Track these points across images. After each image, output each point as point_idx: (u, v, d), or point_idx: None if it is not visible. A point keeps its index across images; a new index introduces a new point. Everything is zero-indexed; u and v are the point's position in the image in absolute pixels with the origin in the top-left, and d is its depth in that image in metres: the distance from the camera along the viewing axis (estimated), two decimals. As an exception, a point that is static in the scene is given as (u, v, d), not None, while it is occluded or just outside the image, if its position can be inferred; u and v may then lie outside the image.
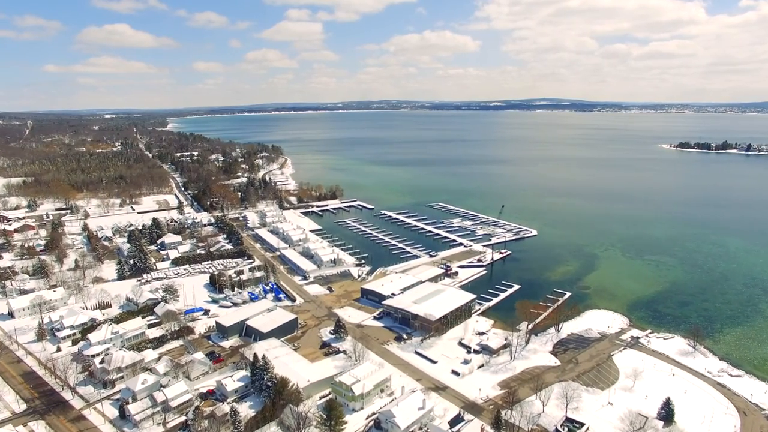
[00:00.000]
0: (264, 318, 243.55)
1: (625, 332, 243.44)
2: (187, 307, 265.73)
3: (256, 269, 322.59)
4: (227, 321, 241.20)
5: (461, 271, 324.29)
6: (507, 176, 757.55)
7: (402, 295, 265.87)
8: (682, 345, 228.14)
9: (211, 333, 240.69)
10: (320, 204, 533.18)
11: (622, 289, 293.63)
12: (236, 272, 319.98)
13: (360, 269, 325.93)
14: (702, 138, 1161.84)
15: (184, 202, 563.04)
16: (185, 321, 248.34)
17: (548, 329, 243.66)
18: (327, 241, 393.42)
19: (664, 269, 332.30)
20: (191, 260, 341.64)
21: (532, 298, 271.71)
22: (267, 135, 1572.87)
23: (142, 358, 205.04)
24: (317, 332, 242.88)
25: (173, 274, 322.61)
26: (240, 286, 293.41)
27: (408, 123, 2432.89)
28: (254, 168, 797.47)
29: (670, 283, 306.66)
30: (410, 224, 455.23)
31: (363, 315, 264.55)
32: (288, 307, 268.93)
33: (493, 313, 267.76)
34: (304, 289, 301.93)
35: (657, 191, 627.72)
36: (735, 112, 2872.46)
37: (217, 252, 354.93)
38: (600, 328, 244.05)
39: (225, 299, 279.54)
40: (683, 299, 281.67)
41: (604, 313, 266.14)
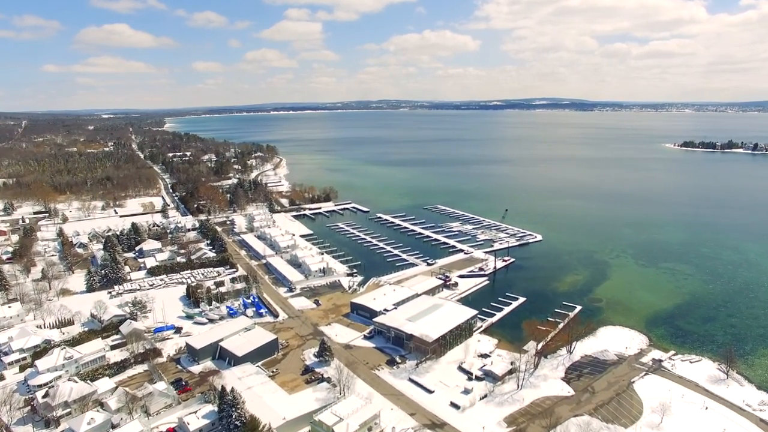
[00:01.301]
0: (240, 339, 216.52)
1: (645, 353, 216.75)
2: (157, 325, 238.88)
3: (238, 280, 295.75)
4: (199, 342, 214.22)
5: (461, 282, 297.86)
6: (508, 176, 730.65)
7: (395, 311, 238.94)
8: (711, 370, 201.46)
9: (181, 355, 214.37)
10: (313, 207, 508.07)
11: (638, 302, 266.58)
12: (216, 283, 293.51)
13: (351, 279, 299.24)
14: (705, 137, 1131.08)
15: (170, 204, 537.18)
16: (154, 341, 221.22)
17: (559, 350, 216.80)
18: (318, 247, 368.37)
19: (682, 279, 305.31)
20: (169, 269, 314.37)
21: (540, 313, 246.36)
22: (264, 135, 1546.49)
23: (95, 389, 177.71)
24: (300, 354, 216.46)
25: (148, 285, 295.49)
26: (219, 300, 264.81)
27: (407, 122, 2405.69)
28: (247, 169, 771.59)
29: (689, 295, 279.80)
30: (407, 228, 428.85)
31: (352, 333, 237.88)
32: (269, 324, 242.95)
33: (497, 331, 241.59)
34: (289, 302, 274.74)
35: (666, 192, 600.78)
36: (735, 111, 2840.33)
37: (198, 260, 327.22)
38: (617, 349, 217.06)
39: (201, 314, 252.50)
40: (706, 314, 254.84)
41: (620, 330, 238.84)
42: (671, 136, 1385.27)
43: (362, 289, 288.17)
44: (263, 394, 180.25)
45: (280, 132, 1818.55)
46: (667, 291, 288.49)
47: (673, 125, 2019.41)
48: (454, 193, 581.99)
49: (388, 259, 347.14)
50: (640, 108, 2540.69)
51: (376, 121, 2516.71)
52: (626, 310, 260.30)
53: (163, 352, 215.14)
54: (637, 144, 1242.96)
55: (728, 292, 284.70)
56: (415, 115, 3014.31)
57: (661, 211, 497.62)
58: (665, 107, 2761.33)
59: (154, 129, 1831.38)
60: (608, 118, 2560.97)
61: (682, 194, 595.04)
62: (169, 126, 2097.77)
